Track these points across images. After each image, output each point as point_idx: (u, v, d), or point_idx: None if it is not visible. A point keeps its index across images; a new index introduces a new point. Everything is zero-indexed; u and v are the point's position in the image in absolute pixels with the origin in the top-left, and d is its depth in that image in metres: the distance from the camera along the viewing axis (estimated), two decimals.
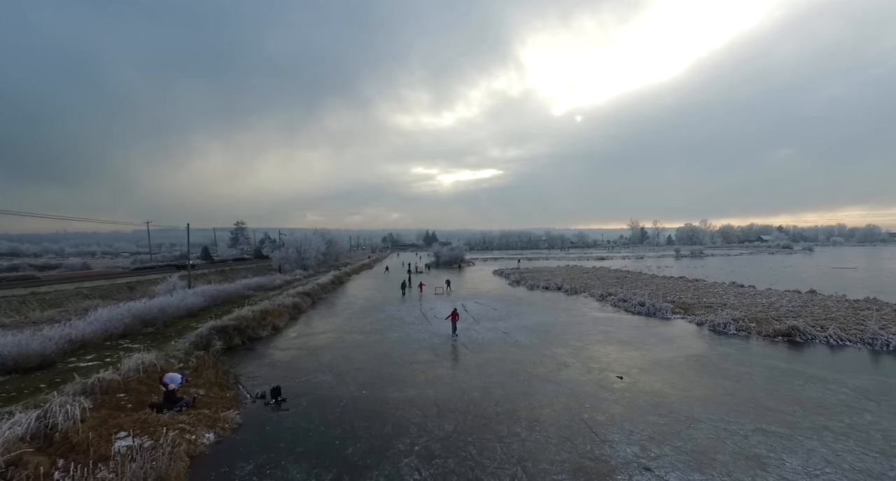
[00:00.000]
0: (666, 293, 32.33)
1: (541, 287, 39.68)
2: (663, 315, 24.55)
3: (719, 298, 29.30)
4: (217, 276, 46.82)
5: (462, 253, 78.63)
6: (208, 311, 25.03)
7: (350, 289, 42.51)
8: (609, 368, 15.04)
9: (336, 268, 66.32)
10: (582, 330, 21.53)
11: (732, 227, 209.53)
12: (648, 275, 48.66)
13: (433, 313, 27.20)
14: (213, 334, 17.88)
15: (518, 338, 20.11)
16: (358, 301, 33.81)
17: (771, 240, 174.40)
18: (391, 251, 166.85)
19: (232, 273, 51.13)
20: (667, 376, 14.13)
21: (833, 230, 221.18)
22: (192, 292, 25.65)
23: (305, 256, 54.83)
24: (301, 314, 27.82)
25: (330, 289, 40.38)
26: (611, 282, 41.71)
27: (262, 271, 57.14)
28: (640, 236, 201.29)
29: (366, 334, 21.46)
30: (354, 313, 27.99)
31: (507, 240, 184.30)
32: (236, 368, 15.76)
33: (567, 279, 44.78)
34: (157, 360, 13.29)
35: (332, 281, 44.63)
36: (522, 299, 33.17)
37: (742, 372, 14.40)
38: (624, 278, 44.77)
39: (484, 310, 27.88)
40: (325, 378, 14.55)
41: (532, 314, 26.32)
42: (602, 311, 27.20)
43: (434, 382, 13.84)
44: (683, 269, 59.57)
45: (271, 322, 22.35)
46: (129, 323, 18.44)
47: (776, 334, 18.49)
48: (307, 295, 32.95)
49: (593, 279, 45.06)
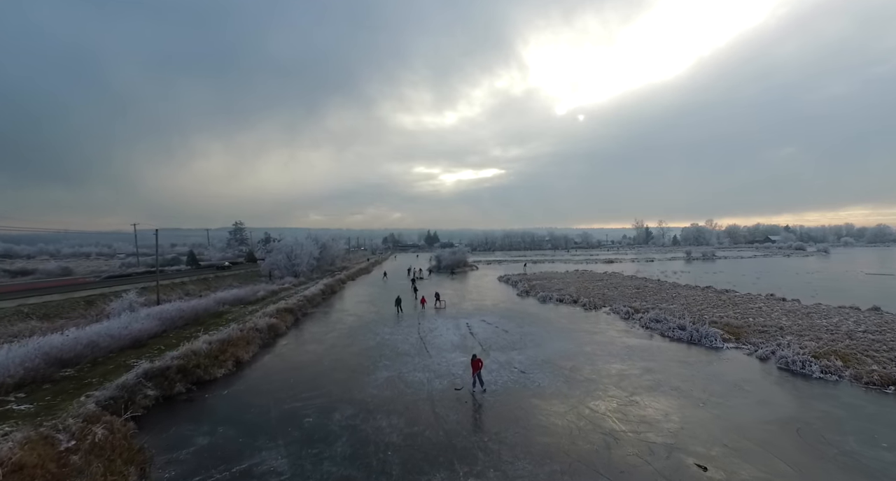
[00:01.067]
0: (701, 309, 27.86)
1: (554, 299, 35.24)
2: (712, 343, 20.06)
3: (768, 317, 24.81)
4: (198, 285, 42.53)
5: (464, 256, 74.18)
6: (162, 339, 20.65)
7: (341, 302, 38.14)
8: (679, 444, 10.60)
9: (331, 273, 61.98)
10: (618, 366, 17.09)
11: (739, 227, 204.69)
12: (669, 283, 44.14)
13: (433, 338, 22.80)
14: (143, 383, 13.50)
15: (540, 380, 15.70)
16: (347, 318, 29.43)
17: (780, 240, 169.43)
18: (391, 252, 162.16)
19: (216, 281, 46.84)
20: (770, 463, 9.68)
21: (841, 230, 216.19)
22: (145, 314, 21.24)
23: (296, 262, 50.51)
24: (277, 338, 23.45)
25: (318, 302, 36.01)
26: (630, 293, 37.25)
27: (250, 278, 52.88)
28: (645, 236, 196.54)
29: (348, 374, 17.05)
30: (340, 337, 23.59)
31: (509, 240, 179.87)
32: (161, 439, 11.41)
33: (581, 289, 40.34)
34: (24, 446, 8.89)
35: (322, 291, 40.27)
36: (535, 316, 28.74)
37: (884, 459, 9.91)
38: (643, 288, 40.28)
39: (492, 333, 23.48)
40: (276, 463, 10.16)
41: (550, 339, 21.89)
42: (632, 335, 22.75)
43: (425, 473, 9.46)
44: (701, 275, 55.02)
45: (233, 355, 17.99)
46: (37, 365, 13.99)
47: (885, 381, 13.99)
48: (289, 311, 28.59)
49: (609, 288, 40.61)
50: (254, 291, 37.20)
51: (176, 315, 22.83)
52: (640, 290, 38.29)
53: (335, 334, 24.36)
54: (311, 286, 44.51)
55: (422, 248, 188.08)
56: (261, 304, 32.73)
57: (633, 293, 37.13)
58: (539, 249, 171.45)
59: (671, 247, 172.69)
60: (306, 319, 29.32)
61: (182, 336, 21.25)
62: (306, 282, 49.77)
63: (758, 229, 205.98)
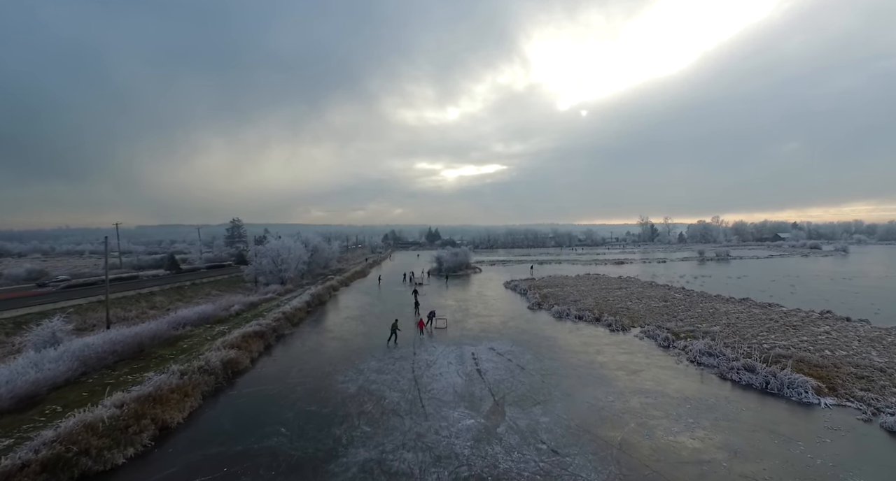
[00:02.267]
0: (754, 335, 22.81)
1: (572, 315, 30.19)
2: (801, 395, 14.96)
3: (849, 350, 19.72)
4: (168, 296, 37.62)
5: (467, 257, 69.12)
6: (76, 388, 15.67)
7: (327, 318, 33.17)
8: None
9: (323, 277, 57.04)
10: (688, 442, 12.06)
11: (745, 224, 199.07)
12: (696, 293, 39.02)
13: (431, 379, 17.82)
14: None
15: (581, 469, 10.72)
16: (329, 344, 24.43)
17: (790, 238, 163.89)
18: (391, 250, 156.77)
19: (192, 289, 41.91)
20: None
21: (850, 226, 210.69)
22: (58, 353, 16.21)
23: (283, 268, 45.50)
24: (236, 378, 18.50)
25: (300, 319, 31.00)
26: (657, 307, 32.19)
27: (234, 285, 47.98)
28: (651, 233, 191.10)
29: (311, 453, 12.08)
30: (314, 378, 18.57)
31: (512, 238, 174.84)
32: None
33: (600, 300, 35.29)
34: None
35: (307, 303, 35.31)
36: (554, 341, 23.71)
37: None
38: (671, 300, 35.18)
39: (505, 371, 18.49)
40: None
41: (581, 384, 16.88)
42: (683, 376, 17.73)
43: None
44: (724, 280, 49.82)
45: (156, 420, 13.01)
46: None
47: None
48: (259, 336, 23.64)
49: (631, 300, 35.56)
50: (227, 305, 32.21)
51: (106, 349, 17.77)
52: (669, 304, 33.21)
53: (309, 370, 19.38)
54: (298, 295, 39.60)
55: (423, 246, 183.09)
56: (231, 324, 27.79)
57: (661, 307, 32.08)
58: (542, 247, 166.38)
59: (677, 244, 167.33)
60: (280, 344, 24.34)
61: (106, 381, 16.29)
62: (294, 290, 44.88)
63: (765, 226, 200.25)
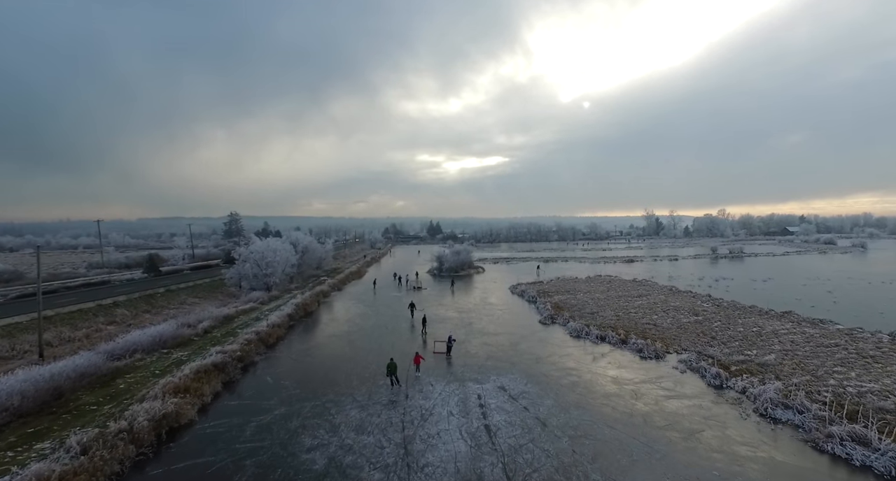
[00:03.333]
0: (828, 372, 18.26)
1: (592, 335, 25.70)
2: None
3: None
4: (135, 307, 33.24)
5: (469, 256, 64.55)
6: None
7: (307, 337, 28.76)
8: None
9: (316, 279, 52.61)
10: None
11: (752, 217, 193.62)
12: (727, 303, 34.39)
13: (426, 444, 13.38)
14: None
15: None
16: (304, 379, 19.90)
17: (800, 232, 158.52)
18: (391, 245, 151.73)
19: (165, 298, 37.54)
20: None
21: (858, 219, 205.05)
22: None
23: (269, 272, 41.02)
24: (169, 442, 14.09)
25: (277, 338, 26.55)
26: (689, 323, 27.66)
27: (215, 290, 43.59)
28: (656, 227, 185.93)
29: None
30: (270, 443, 14.14)
31: (515, 232, 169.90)
32: None
33: (620, 312, 30.76)
34: None
35: (290, 315, 30.90)
36: (578, 376, 19.19)
37: None
38: (703, 314, 30.57)
39: (521, 429, 14.01)
40: None
41: (626, 459, 12.39)
42: (760, 440, 13.22)
43: None
44: (748, 284, 45.11)
45: None
46: None
47: None
48: (219, 370, 19.22)
49: (656, 311, 31.05)
50: (196, 320, 27.77)
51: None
52: (701, 320, 28.64)
53: (269, 424, 14.94)
54: (282, 305, 35.19)
55: (424, 240, 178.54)
56: (194, 347, 23.39)
57: (693, 324, 27.55)
58: (546, 241, 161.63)
59: (684, 239, 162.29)
60: (245, 379, 19.91)
61: None
62: (280, 296, 40.48)
63: (772, 219, 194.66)
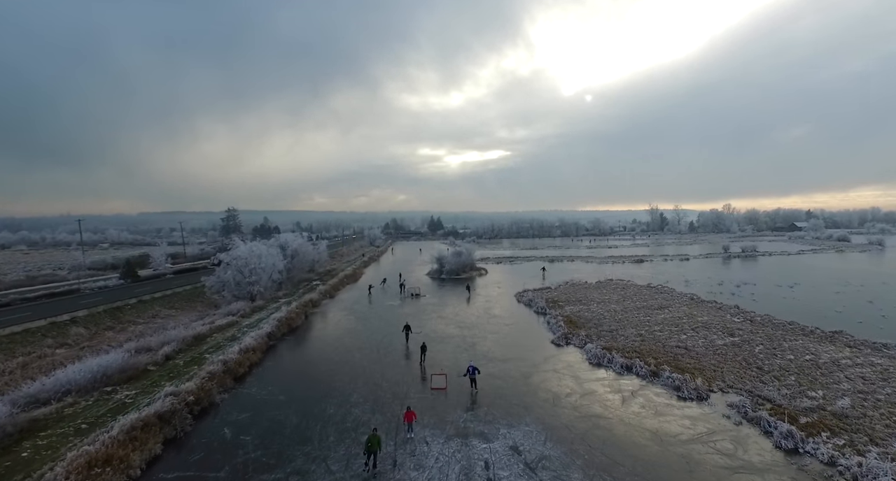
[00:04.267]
0: None
1: (616, 362, 21.78)
2: None
3: None
4: (98, 324, 29.44)
5: (471, 258, 60.59)
6: None
7: (287, 360, 24.95)
8: None
9: (308, 283, 48.80)
10: None
11: (758, 212, 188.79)
12: (760, 318, 30.38)
13: None
14: None
15: None
16: (266, 435, 16.11)
17: (808, 227, 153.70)
18: (391, 242, 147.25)
19: (136, 310, 33.72)
20: None
21: (865, 214, 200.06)
22: None
23: (253, 280, 37.13)
24: None
25: (251, 364, 22.70)
26: (723, 345, 23.74)
27: (195, 299, 39.78)
28: (660, 222, 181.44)
29: None
30: None
31: (517, 228, 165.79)
32: None
33: (643, 329, 26.81)
34: None
35: (267, 337, 27.06)
36: (608, 429, 15.24)
37: None
38: (736, 331, 26.60)
39: None
40: None
41: None
42: None
43: None
44: (775, 290, 41.05)
45: None
46: None
47: None
48: (163, 421, 15.33)
49: (684, 329, 27.10)
50: (159, 344, 23.91)
51: None
52: (738, 342, 24.64)
53: None
54: (263, 319, 31.33)
55: (424, 236, 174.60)
56: (146, 382, 19.54)
57: (731, 348, 23.59)
58: (549, 237, 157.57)
59: (689, 234, 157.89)
60: (197, 430, 16.05)
61: None
62: (265, 307, 36.59)
63: (778, 214, 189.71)
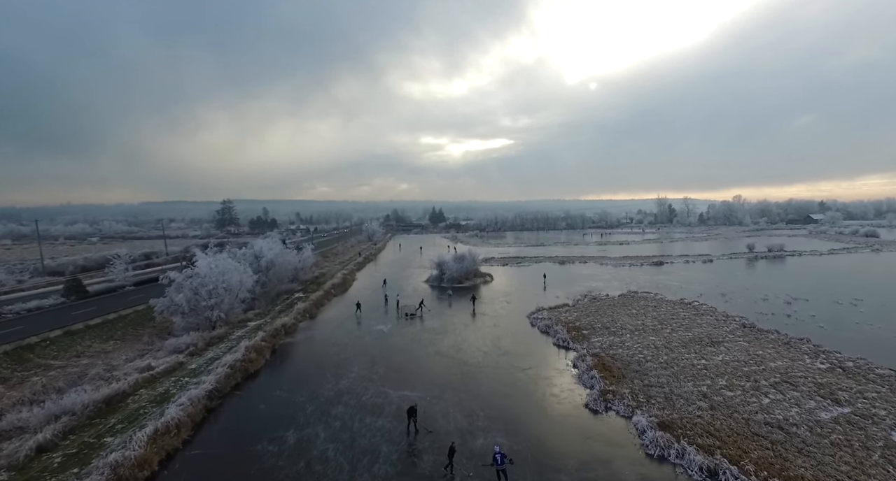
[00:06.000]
0: None
1: (691, 461, 14.60)
2: None
3: None
4: None
5: (475, 264, 53.24)
6: None
7: (216, 453, 17.83)
8: None
9: (288, 296, 41.68)
10: None
11: (770, 204, 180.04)
12: (853, 364, 23.08)
13: None
14: None
15: None
16: None
17: (824, 220, 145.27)
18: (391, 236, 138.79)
19: (57, 347, 26.68)
20: None
21: (881, 205, 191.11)
22: None
23: (213, 303, 29.81)
24: None
25: (166, 454, 15.57)
26: (839, 430, 16.46)
27: (145, 325, 32.66)
28: (669, 213, 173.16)
29: None
30: None
31: (521, 220, 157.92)
32: None
33: (699, 378, 19.47)
34: None
35: (207, 396, 19.92)
36: None
37: None
38: (847, 401, 19.30)
39: None
40: None
41: None
42: None
43: None
44: (839, 310, 33.57)
45: None
46: None
47: None
48: None
49: (760, 388, 19.82)
50: (43, 419, 16.77)
51: None
52: (856, 415, 17.37)
53: None
54: (214, 360, 24.21)
55: (426, 228, 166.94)
56: None
57: (845, 427, 16.37)
58: (554, 230, 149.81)
59: (700, 227, 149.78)
60: None
61: None
62: (226, 337, 29.38)
63: (790, 205, 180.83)
